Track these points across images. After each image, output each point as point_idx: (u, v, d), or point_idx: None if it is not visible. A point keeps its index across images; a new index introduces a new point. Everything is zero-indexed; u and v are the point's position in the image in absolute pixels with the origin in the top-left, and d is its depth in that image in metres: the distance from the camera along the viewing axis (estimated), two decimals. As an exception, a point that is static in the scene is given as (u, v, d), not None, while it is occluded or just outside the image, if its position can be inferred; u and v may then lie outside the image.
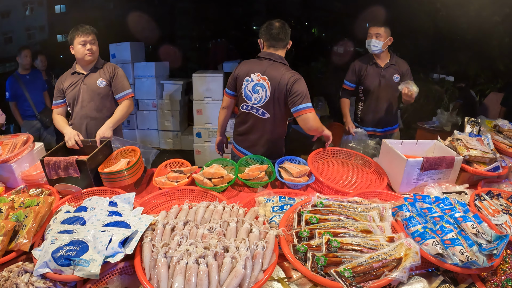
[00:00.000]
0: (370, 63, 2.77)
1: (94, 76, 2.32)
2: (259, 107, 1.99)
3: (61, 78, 2.37)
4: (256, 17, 8.58)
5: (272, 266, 1.12)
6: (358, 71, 2.82)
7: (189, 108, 5.27)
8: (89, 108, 2.33)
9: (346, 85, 2.91)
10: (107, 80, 2.33)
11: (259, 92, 1.96)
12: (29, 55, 3.81)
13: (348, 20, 6.67)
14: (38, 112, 3.92)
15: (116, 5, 7.39)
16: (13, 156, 1.82)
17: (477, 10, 4.77)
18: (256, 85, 1.97)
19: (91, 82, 2.31)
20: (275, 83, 1.92)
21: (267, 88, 1.93)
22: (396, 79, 2.74)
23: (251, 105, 2.03)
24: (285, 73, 1.91)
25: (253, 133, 2.10)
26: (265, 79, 1.94)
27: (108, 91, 2.35)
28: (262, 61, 2.00)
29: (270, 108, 1.98)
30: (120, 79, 2.36)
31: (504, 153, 1.95)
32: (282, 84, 1.90)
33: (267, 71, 1.94)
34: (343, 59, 6.98)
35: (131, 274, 1.21)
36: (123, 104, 2.33)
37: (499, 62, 5.17)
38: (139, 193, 1.87)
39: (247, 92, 2.03)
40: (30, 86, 3.86)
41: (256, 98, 1.98)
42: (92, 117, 2.34)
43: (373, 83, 2.77)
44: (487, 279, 1.19)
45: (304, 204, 1.43)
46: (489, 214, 1.50)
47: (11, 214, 1.31)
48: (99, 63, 2.36)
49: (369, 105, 2.85)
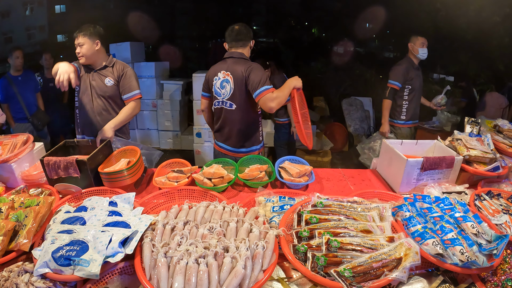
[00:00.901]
0: (414, 66, 3.30)
1: (103, 74, 2.30)
2: (226, 100, 2.21)
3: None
4: (256, 17, 8.58)
5: (272, 266, 1.12)
6: (406, 73, 3.25)
7: (189, 108, 5.27)
8: (96, 105, 2.32)
9: (395, 85, 3.29)
10: (115, 79, 2.30)
11: (225, 87, 2.20)
12: (20, 56, 3.74)
13: (348, 20, 6.67)
14: (30, 115, 3.87)
15: (116, 5, 7.39)
16: (13, 156, 1.82)
17: (477, 10, 4.77)
18: (223, 82, 2.21)
19: (100, 80, 2.30)
20: (236, 76, 2.14)
21: (231, 81, 2.15)
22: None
23: (221, 100, 2.26)
24: (243, 65, 2.13)
25: (226, 126, 2.30)
26: (229, 74, 2.17)
27: (115, 90, 2.32)
28: (226, 61, 2.23)
29: (236, 99, 2.18)
30: (129, 79, 2.31)
31: (504, 153, 1.95)
32: (241, 75, 2.11)
33: (229, 67, 2.18)
34: (343, 59, 6.99)
35: (131, 274, 1.21)
36: (128, 105, 2.31)
37: (499, 62, 5.17)
38: (139, 193, 1.87)
39: (217, 89, 2.26)
40: (22, 88, 3.80)
41: (224, 93, 2.21)
42: (98, 113, 2.34)
43: (417, 83, 3.29)
44: (487, 279, 1.19)
45: (304, 204, 1.43)
46: (489, 214, 1.50)
47: (11, 214, 1.31)
48: (110, 62, 2.32)
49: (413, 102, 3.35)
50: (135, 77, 2.36)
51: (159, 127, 5.20)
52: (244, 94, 2.14)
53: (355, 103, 6.01)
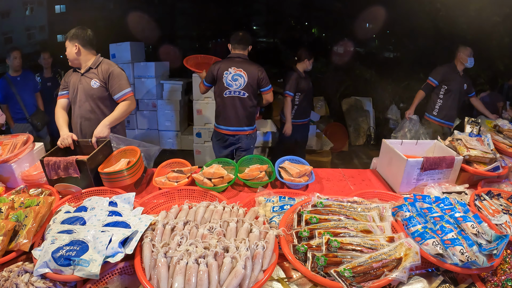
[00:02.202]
0: (456, 71, 3.63)
1: (89, 77, 2.27)
2: (240, 90, 2.81)
3: (70, 71, 2.36)
4: (256, 17, 8.58)
5: (272, 266, 1.12)
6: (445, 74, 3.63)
7: (189, 108, 5.26)
8: (84, 109, 2.29)
9: (432, 82, 3.68)
10: (100, 81, 2.26)
11: (238, 80, 2.79)
12: (18, 56, 3.71)
13: (348, 20, 6.67)
14: (29, 115, 3.85)
15: (116, 5, 7.38)
16: (13, 156, 1.82)
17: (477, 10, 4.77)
18: (234, 75, 2.79)
19: (86, 83, 2.26)
20: (250, 73, 2.78)
21: (245, 76, 2.78)
22: (465, 87, 3.67)
23: (233, 90, 2.81)
24: (254, 66, 2.81)
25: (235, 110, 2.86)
26: (241, 71, 2.77)
27: (103, 92, 2.28)
28: (233, 59, 2.81)
29: (249, 90, 2.81)
30: (116, 79, 2.25)
31: (504, 153, 1.95)
32: (255, 74, 2.78)
33: (240, 65, 2.78)
34: (343, 59, 6.99)
35: (131, 274, 1.21)
36: (122, 104, 2.27)
37: (499, 62, 5.17)
38: (139, 193, 1.87)
39: (228, 81, 2.80)
40: (21, 88, 3.79)
41: (237, 85, 2.80)
42: (86, 118, 2.30)
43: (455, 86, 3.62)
44: (487, 279, 1.19)
45: (304, 204, 1.43)
46: (489, 214, 1.50)
47: (11, 214, 1.31)
48: (94, 64, 2.28)
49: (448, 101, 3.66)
50: (123, 76, 2.31)
51: (159, 127, 5.19)
52: (255, 86, 2.82)
53: (355, 103, 6.01)
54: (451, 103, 3.66)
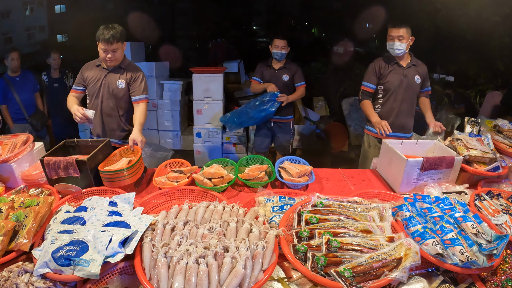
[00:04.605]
0: (392, 62, 2.68)
1: (116, 75, 2.32)
2: None
3: (86, 65, 2.37)
4: (256, 17, 8.56)
5: (272, 266, 1.12)
6: (378, 70, 2.71)
7: (189, 108, 5.26)
8: (106, 105, 2.35)
9: (365, 87, 2.74)
10: (126, 81, 2.33)
11: None
12: (16, 57, 3.70)
13: (348, 20, 6.66)
14: (29, 116, 3.84)
15: (116, 5, 7.37)
16: (13, 156, 1.82)
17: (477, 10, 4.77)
18: None
19: (112, 81, 2.31)
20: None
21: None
22: (417, 80, 2.65)
23: None
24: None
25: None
26: None
27: (126, 92, 2.36)
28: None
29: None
30: (140, 83, 2.36)
31: (504, 153, 1.95)
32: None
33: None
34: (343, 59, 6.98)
35: (131, 274, 1.21)
36: (142, 107, 2.32)
37: (499, 62, 5.17)
38: (139, 193, 1.87)
39: None
40: (20, 89, 3.78)
41: None
42: (107, 114, 2.37)
43: (394, 83, 2.64)
44: (487, 279, 1.19)
45: (304, 204, 1.43)
46: (489, 214, 1.50)
47: (11, 214, 1.31)
48: (124, 63, 2.34)
49: (389, 106, 2.68)
50: (146, 82, 2.42)
51: (159, 127, 5.19)
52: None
53: (355, 103, 6.01)
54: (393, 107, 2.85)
